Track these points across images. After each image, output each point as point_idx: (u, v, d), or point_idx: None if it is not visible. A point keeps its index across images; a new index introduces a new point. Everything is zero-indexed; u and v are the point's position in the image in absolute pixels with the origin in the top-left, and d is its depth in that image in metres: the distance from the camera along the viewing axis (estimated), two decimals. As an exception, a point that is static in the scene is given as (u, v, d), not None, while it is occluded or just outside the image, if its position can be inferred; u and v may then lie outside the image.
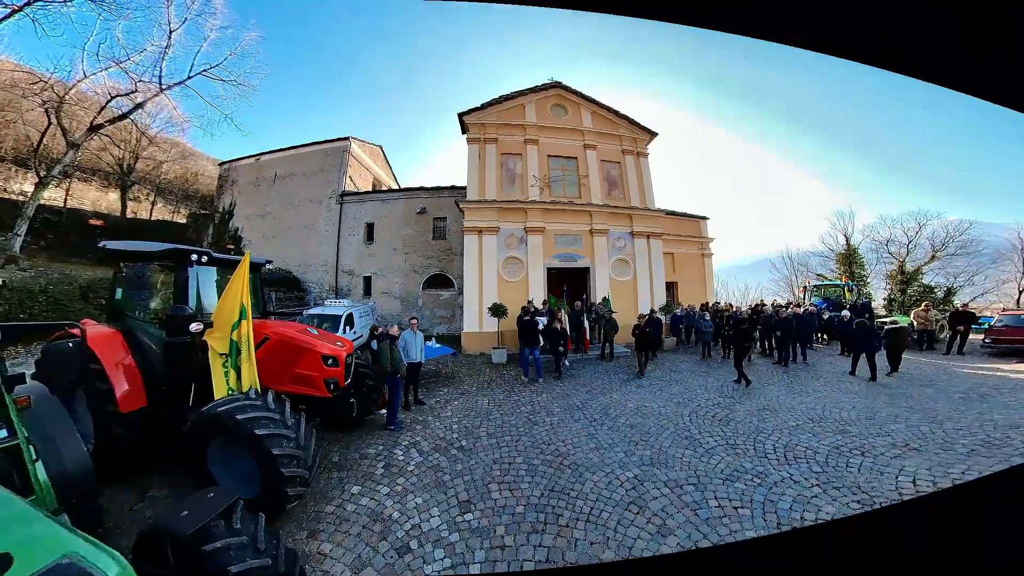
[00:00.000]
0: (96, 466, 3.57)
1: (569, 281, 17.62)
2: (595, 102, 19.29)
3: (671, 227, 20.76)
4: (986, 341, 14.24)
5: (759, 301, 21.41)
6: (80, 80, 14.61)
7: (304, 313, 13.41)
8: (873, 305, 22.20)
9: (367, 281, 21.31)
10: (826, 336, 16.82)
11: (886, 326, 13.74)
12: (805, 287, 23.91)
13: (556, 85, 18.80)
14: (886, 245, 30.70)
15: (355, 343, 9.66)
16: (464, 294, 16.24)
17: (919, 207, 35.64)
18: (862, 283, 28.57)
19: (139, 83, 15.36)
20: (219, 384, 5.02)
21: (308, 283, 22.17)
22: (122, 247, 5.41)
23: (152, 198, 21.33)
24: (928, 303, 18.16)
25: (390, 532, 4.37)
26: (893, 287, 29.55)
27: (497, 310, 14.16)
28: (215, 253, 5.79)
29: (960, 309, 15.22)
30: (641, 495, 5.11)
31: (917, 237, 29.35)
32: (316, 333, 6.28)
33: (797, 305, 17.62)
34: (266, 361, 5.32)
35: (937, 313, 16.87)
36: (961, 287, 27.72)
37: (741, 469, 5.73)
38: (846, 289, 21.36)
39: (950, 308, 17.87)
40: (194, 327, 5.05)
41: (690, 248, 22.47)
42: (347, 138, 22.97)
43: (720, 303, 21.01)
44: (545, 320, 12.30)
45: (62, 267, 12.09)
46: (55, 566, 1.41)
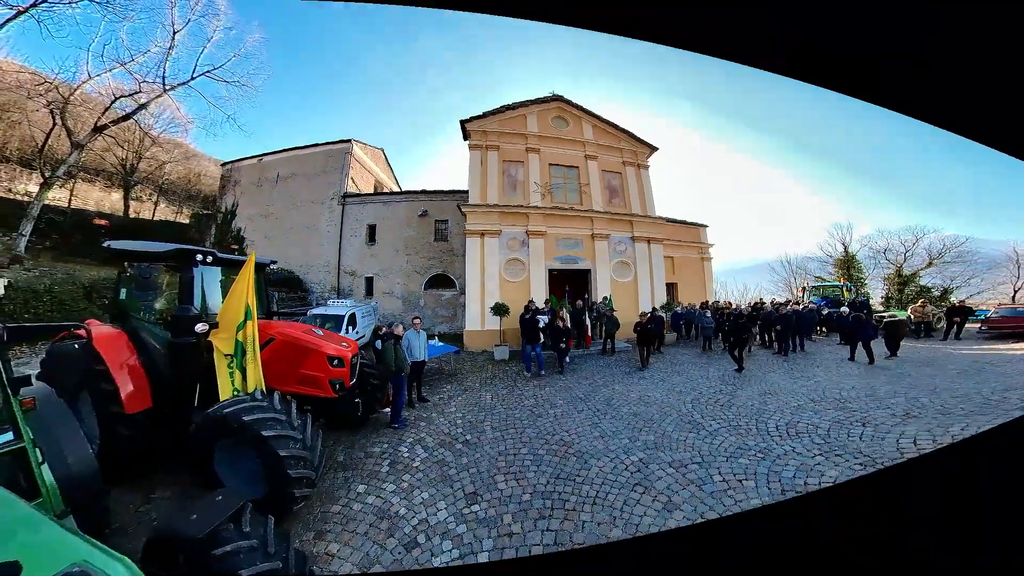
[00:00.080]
0: (102, 467, 3.53)
1: (570, 282, 17.69)
2: (596, 116, 19.41)
3: (671, 233, 20.99)
4: (983, 328, 14.58)
5: (758, 299, 21.45)
6: (84, 81, 14.56)
7: (308, 313, 13.36)
8: (871, 302, 22.28)
9: (369, 282, 21.26)
10: (825, 329, 16.91)
11: (884, 319, 13.87)
12: (804, 288, 24.00)
13: (557, 99, 18.84)
14: (883, 253, 31.20)
15: (358, 343, 9.61)
16: (466, 294, 16.23)
17: (917, 222, 36.28)
18: (860, 284, 28.85)
19: (143, 84, 15.31)
20: (224, 385, 4.95)
21: (310, 283, 22.11)
22: (127, 247, 5.33)
23: (155, 198, 21.25)
24: (925, 300, 18.25)
25: (397, 528, 4.32)
26: (891, 287, 29.82)
27: (499, 309, 14.18)
28: (220, 253, 5.71)
29: (957, 304, 15.41)
30: (646, 476, 5.13)
31: (915, 247, 29.92)
32: (321, 333, 6.20)
33: (796, 303, 17.64)
34: (271, 362, 5.25)
35: (934, 308, 16.94)
36: (958, 287, 27.98)
37: (744, 447, 5.79)
38: (844, 289, 21.44)
39: (947, 304, 17.96)
40: (199, 328, 4.98)
41: (690, 252, 22.74)
42: (349, 140, 22.93)
43: (720, 302, 21.07)
44: (547, 318, 12.39)
45: (66, 267, 12.02)
46: (65, 575, 1.36)
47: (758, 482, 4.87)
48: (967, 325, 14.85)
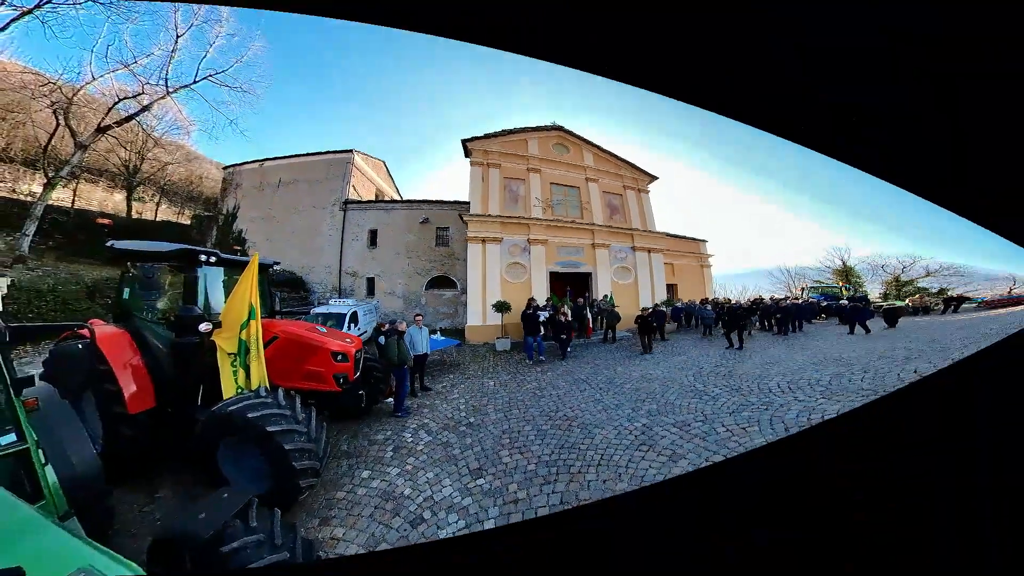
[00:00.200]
0: (105, 467, 3.45)
1: (571, 283, 17.76)
2: (596, 146, 19.58)
3: (671, 245, 21.25)
4: (979, 306, 15.86)
5: (758, 296, 21.63)
6: (88, 82, 14.46)
7: (310, 312, 13.29)
8: (869, 298, 22.66)
9: (370, 282, 21.17)
10: (824, 315, 17.28)
11: (884, 307, 14.23)
12: (803, 288, 24.32)
13: (558, 128, 18.98)
14: (882, 268, 32.04)
15: (361, 339, 9.56)
16: (467, 294, 16.19)
17: (915, 252, 37.45)
18: (858, 286, 29.33)
19: (146, 85, 15.25)
20: (228, 383, 4.88)
21: (312, 284, 22.01)
22: (130, 247, 5.22)
23: (157, 199, 21.21)
24: (923, 293, 18.67)
25: (403, 508, 4.25)
26: (889, 289, 30.35)
27: (501, 306, 14.17)
28: (223, 254, 5.63)
29: (955, 296, 16.38)
30: (650, 437, 5.16)
31: (912, 266, 30.52)
32: (325, 331, 6.13)
33: (795, 298, 17.88)
34: (275, 359, 5.17)
35: (932, 298, 17.51)
36: (955, 288, 28.58)
37: (747, 403, 5.90)
38: (843, 289, 21.83)
39: (944, 296, 18.43)
40: (203, 327, 4.90)
41: (690, 261, 23.06)
42: (351, 151, 22.95)
43: (719, 299, 21.35)
44: (547, 314, 12.42)
45: (70, 267, 11.95)
46: None
47: (762, 427, 4.97)
48: (963, 307, 15.83)
